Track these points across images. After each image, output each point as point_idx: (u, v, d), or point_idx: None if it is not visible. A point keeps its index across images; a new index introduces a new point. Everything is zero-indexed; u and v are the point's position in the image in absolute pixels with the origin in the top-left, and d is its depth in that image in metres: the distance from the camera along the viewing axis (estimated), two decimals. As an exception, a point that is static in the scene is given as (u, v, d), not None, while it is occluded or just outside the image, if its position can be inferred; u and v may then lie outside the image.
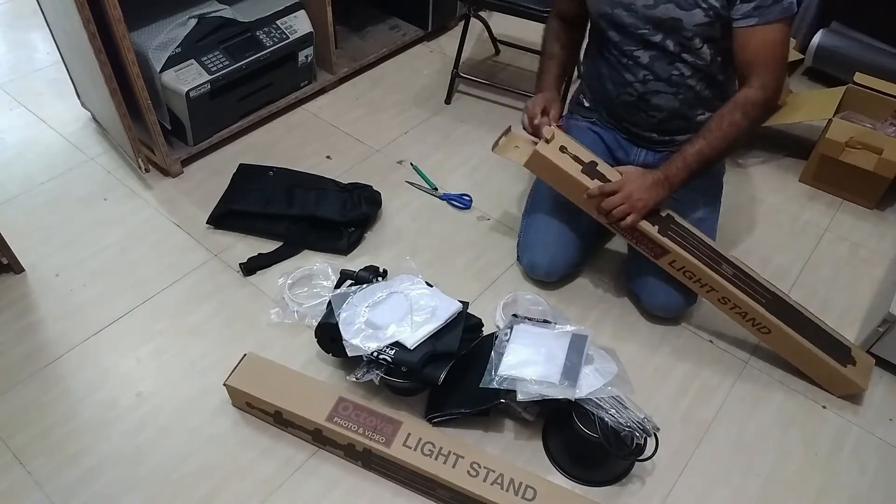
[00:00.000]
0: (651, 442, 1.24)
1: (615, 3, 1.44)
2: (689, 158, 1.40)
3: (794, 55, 2.31)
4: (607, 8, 1.46)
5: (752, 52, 1.36)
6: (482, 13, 2.42)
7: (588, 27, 1.62)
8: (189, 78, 1.81)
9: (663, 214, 1.47)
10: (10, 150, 1.98)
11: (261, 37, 1.94)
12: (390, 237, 1.78)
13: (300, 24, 2.02)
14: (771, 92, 1.37)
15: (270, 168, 1.88)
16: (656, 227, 1.44)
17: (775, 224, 1.88)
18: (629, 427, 1.21)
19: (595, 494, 1.31)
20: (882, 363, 1.54)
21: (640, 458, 1.26)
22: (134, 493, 1.27)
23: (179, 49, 1.79)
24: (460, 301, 1.40)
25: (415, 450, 1.26)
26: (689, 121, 1.57)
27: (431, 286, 1.44)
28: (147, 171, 1.89)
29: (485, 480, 1.22)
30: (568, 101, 1.84)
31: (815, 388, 1.50)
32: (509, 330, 1.40)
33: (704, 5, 1.36)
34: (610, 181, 1.44)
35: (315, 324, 1.43)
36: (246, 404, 1.38)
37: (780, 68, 1.38)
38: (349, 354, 1.32)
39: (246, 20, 1.92)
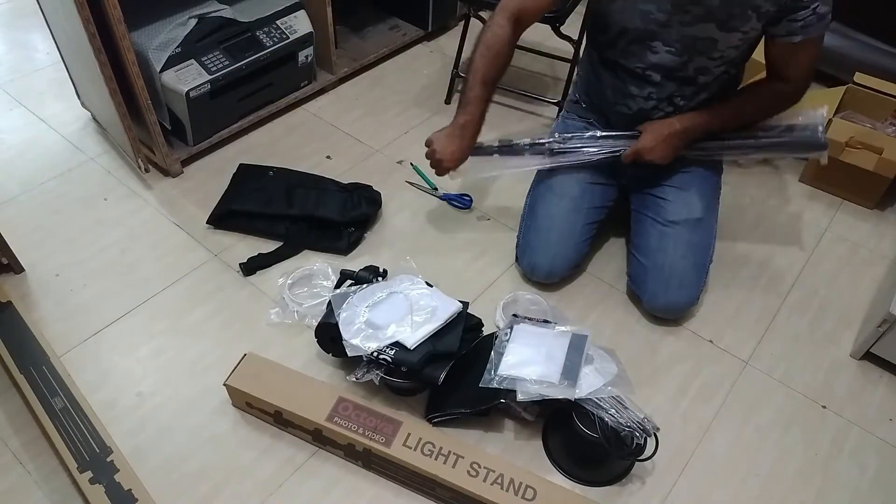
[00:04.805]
0: (651, 442, 1.24)
1: (648, 19, 1.36)
2: (714, 122, 1.47)
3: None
4: (638, 23, 1.38)
5: (791, 63, 1.41)
6: (482, 13, 2.41)
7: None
8: (189, 78, 1.80)
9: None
10: (10, 150, 1.98)
11: (261, 37, 1.94)
12: (390, 237, 1.78)
13: (300, 24, 2.02)
14: (800, 95, 1.47)
15: (270, 168, 1.88)
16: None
17: (775, 224, 1.88)
18: (629, 427, 1.21)
19: (595, 494, 1.31)
20: (882, 363, 1.54)
21: (640, 458, 1.26)
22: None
23: (179, 49, 1.79)
24: (460, 301, 1.40)
25: (415, 450, 1.26)
26: None
27: (431, 286, 1.44)
28: (147, 171, 1.89)
29: (485, 480, 1.22)
30: (566, 100, 1.83)
31: (815, 387, 1.50)
32: (509, 330, 1.40)
33: (745, 28, 1.34)
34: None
35: (315, 324, 1.43)
36: (246, 404, 1.38)
37: (812, 76, 1.46)
38: (349, 354, 1.32)
39: (246, 20, 1.92)
